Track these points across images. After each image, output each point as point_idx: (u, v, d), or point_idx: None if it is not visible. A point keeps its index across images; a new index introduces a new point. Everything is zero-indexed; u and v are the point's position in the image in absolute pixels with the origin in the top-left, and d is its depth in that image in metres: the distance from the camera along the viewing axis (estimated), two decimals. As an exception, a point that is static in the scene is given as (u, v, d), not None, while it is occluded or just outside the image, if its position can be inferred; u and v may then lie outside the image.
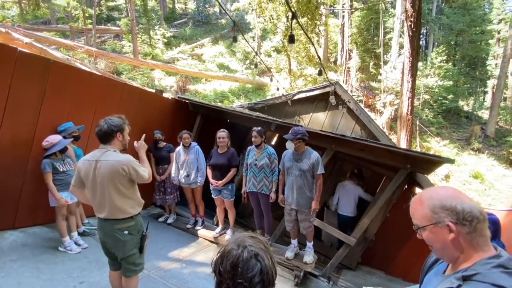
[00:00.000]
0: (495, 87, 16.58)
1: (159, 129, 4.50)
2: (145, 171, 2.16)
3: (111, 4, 22.08)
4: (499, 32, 19.40)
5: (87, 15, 15.58)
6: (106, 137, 2.08)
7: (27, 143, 3.19)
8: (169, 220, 4.67)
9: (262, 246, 0.90)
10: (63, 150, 3.13)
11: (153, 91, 5.50)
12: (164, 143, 4.52)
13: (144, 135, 2.42)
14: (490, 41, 19.83)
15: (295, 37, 10.62)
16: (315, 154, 3.36)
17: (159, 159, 4.53)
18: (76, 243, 3.27)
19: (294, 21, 3.49)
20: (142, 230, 2.25)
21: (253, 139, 3.80)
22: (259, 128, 3.84)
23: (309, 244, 3.68)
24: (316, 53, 6.23)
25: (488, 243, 0.87)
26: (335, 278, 4.12)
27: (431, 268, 1.07)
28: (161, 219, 4.71)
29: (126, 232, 2.12)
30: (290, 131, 3.38)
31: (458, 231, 0.85)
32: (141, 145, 2.33)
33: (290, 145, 3.36)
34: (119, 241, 2.12)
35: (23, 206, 3.29)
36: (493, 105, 15.55)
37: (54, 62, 3.43)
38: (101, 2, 20.47)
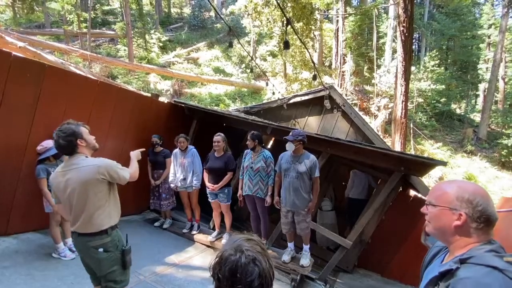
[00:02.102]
0: (486, 90, 16.90)
1: (155, 133, 4.49)
2: (125, 170, 2.00)
3: (106, 8, 22.05)
4: (489, 37, 19.80)
5: (81, 19, 15.54)
6: (68, 150, 1.90)
7: (21, 148, 3.15)
8: (165, 225, 4.64)
9: (259, 248, 0.91)
10: (58, 155, 3.10)
11: (149, 95, 5.49)
12: (161, 148, 4.50)
13: (143, 149, 2.38)
14: (481, 46, 20.23)
15: (291, 42, 10.74)
16: (312, 157, 3.40)
17: (155, 164, 4.51)
18: (70, 250, 3.23)
19: (289, 26, 3.54)
20: (122, 245, 2.04)
21: (247, 143, 3.84)
22: (253, 132, 3.86)
23: (306, 247, 3.69)
24: (311, 57, 6.29)
25: (486, 239, 0.94)
26: (331, 281, 4.13)
27: (431, 263, 1.12)
28: (156, 224, 4.67)
29: (101, 249, 1.91)
30: (290, 132, 3.41)
31: (467, 222, 0.93)
32: (135, 154, 2.25)
33: (290, 147, 3.38)
34: (93, 259, 1.95)
35: (16, 212, 3.24)
36: (485, 108, 15.83)
37: (49, 66, 3.41)
38: (96, 6, 20.43)
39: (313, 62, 5.93)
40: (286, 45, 3.84)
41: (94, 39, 17.26)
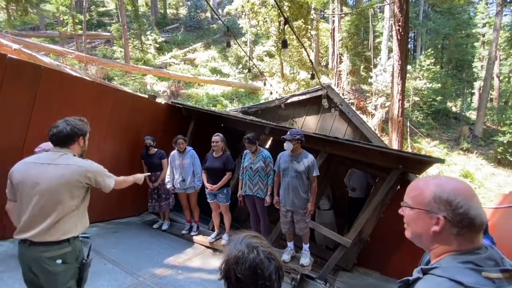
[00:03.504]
0: (481, 88, 17.07)
1: (153, 135, 4.46)
2: (111, 177, 1.88)
3: (101, 9, 21.97)
4: (483, 35, 20.01)
5: (77, 20, 15.44)
6: (66, 140, 1.73)
7: (17, 151, 3.12)
8: (164, 227, 4.61)
9: (267, 243, 0.94)
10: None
11: (146, 96, 5.47)
12: (156, 150, 4.45)
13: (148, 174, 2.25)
14: (476, 44, 20.44)
15: (288, 42, 10.76)
16: (311, 157, 3.40)
17: (151, 166, 4.45)
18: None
19: (287, 26, 3.55)
20: (82, 257, 1.78)
21: (247, 147, 3.85)
22: (250, 135, 3.84)
23: (305, 246, 3.69)
24: (308, 57, 6.32)
25: (470, 246, 0.81)
26: (331, 280, 4.13)
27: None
28: (155, 226, 4.65)
29: (59, 261, 1.63)
30: (288, 132, 3.41)
31: (446, 228, 0.80)
32: (138, 177, 2.17)
33: (288, 146, 3.39)
34: (48, 273, 1.61)
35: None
36: (480, 106, 15.97)
37: (45, 68, 3.39)
38: (91, 7, 20.34)
39: (311, 61, 5.95)
40: (284, 44, 3.86)
41: (90, 41, 17.17)
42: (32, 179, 1.62)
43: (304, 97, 5.94)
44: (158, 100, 5.53)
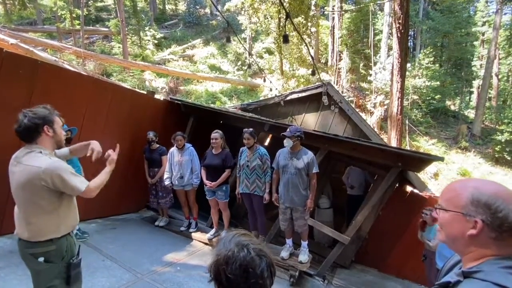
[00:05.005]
0: (480, 87, 17.08)
1: (151, 131, 4.44)
2: (81, 182, 1.62)
3: (99, 4, 21.74)
4: (483, 34, 20.00)
5: (74, 15, 15.28)
6: (28, 134, 1.60)
7: (14, 147, 3.08)
8: (162, 223, 4.60)
9: (257, 240, 0.92)
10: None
11: (144, 92, 5.43)
12: (158, 145, 4.44)
13: (118, 145, 1.96)
14: (475, 43, 20.45)
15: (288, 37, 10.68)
16: (310, 154, 3.40)
17: (151, 161, 4.46)
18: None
19: (287, 21, 3.52)
20: (71, 256, 1.70)
21: (245, 141, 3.79)
22: (251, 129, 3.83)
23: (304, 244, 3.70)
24: (309, 53, 6.30)
25: (510, 252, 0.79)
26: (329, 277, 4.15)
27: (450, 271, 1.00)
28: (156, 223, 4.64)
29: (41, 259, 1.59)
30: (288, 129, 3.40)
31: (483, 232, 0.78)
32: (112, 159, 1.84)
33: (288, 143, 3.38)
34: (32, 269, 1.64)
35: (10, 211, 3.17)
36: (479, 105, 16.01)
37: (42, 63, 3.35)
38: (89, 2, 20.12)
39: (312, 57, 5.93)
40: (285, 39, 3.82)
41: (88, 36, 17.01)
42: (11, 176, 1.64)
43: (303, 94, 5.91)
44: (157, 96, 5.49)
